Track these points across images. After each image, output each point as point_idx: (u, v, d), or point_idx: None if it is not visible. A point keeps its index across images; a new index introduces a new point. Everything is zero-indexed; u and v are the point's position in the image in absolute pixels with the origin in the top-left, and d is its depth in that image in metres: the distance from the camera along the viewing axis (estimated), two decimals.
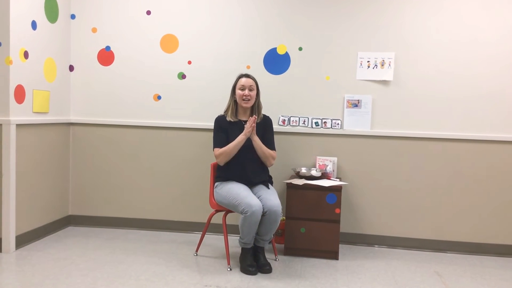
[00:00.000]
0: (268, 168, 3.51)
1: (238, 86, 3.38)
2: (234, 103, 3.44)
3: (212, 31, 4.03)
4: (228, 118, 3.41)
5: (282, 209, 3.19)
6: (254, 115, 3.27)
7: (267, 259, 3.29)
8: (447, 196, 3.87)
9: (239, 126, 3.39)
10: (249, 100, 3.35)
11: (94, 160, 4.22)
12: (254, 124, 3.23)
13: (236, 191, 3.19)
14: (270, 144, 3.48)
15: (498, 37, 3.73)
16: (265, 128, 3.48)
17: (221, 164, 3.37)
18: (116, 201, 4.24)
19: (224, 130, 3.38)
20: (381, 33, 3.86)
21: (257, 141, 3.32)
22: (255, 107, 3.45)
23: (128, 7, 4.10)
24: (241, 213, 3.07)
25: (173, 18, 4.06)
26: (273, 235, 3.32)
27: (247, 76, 3.41)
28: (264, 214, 3.12)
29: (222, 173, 3.40)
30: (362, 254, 3.75)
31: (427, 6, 3.80)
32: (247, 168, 3.34)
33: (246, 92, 3.34)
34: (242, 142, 3.26)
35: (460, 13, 3.76)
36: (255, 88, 3.40)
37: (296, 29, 3.95)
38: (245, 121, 3.40)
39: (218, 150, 3.34)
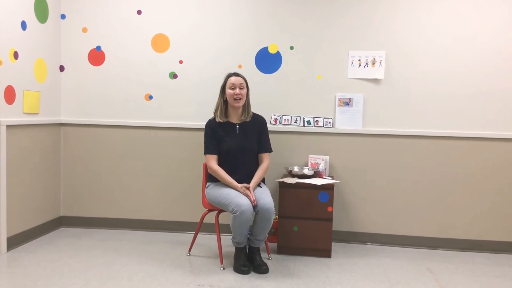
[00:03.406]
0: None
1: (228, 85, 3.33)
2: (223, 103, 3.41)
3: (203, 30, 4.03)
4: (218, 119, 3.38)
5: (275, 208, 3.19)
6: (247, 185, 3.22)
7: (263, 259, 3.30)
8: (438, 193, 3.89)
9: (228, 128, 3.38)
10: (240, 99, 3.32)
11: (86, 160, 4.20)
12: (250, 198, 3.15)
13: (226, 191, 3.19)
14: (266, 146, 3.47)
15: (489, 35, 3.76)
16: (259, 129, 3.46)
17: (209, 172, 3.39)
18: (108, 202, 4.22)
19: (214, 134, 3.36)
20: (372, 32, 3.87)
21: (256, 182, 3.30)
22: (245, 106, 3.42)
23: (119, 6, 4.08)
24: (231, 212, 3.08)
25: (164, 18, 4.05)
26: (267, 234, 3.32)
27: (236, 74, 3.37)
28: (257, 212, 3.12)
29: None
30: (354, 252, 3.76)
31: (418, 5, 3.81)
32: (239, 169, 3.33)
33: (237, 90, 3.29)
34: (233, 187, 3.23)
35: (451, 11, 3.79)
36: (245, 86, 3.36)
37: (287, 28, 3.95)
38: (237, 124, 3.39)
39: (213, 163, 3.32)
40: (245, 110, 3.42)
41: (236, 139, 3.36)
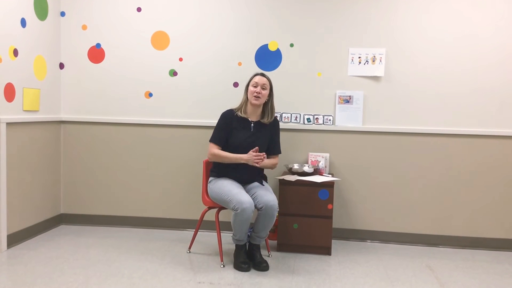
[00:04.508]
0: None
1: (251, 83, 3.37)
2: (247, 100, 3.42)
3: (203, 28, 4.02)
4: (239, 113, 3.39)
5: None
6: (257, 149, 3.23)
7: (263, 257, 3.30)
8: (439, 190, 3.90)
9: (244, 123, 3.39)
10: (259, 98, 3.33)
11: (86, 158, 4.20)
12: (260, 158, 3.19)
13: (228, 188, 3.20)
14: (276, 147, 3.51)
15: (489, 33, 3.76)
16: (273, 130, 3.49)
17: (210, 160, 3.40)
18: (108, 199, 4.22)
19: (227, 126, 3.37)
20: (372, 29, 3.87)
21: (264, 164, 3.32)
22: (268, 109, 3.44)
23: (118, 4, 4.08)
24: (232, 209, 3.08)
25: (164, 15, 4.04)
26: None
27: (262, 75, 3.40)
28: (260, 209, 3.13)
29: (217, 168, 3.41)
30: (354, 249, 3.77)
31: (418, 2, 3.81)
32: (242, 166, 3.33)
33: (258, 89, 3.32)
34: (238, 162, 3.25)
35: (451, 8, 3.78)
36: (268, 88, 3.38)
37: (287, 26, 3.95)
38: (253, 122, 3.40)
39: (214, 149, 3.33)
40: (267, 113, 3.44)
41: (248, 136, 3.37)
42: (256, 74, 3.42)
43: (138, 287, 2.85)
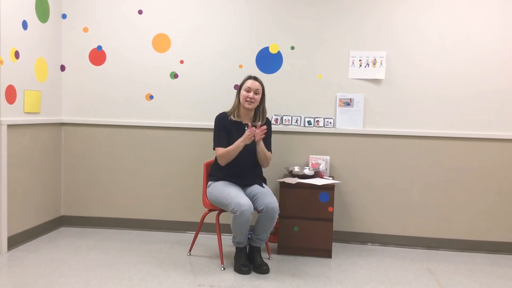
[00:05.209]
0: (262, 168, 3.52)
1: (244, 87, 3.33)
2: (239, 103, 3.40)
3: (204, 30, 4.03)
4: (231, 117, 3.37)
5: None
6: (252, 125, 3.25)
7: (263, 259, 3.30)
8: (439, 194, 3.90)
9: (239, 127, 3.37)
10: (252, 102, 3.31)
11: (87, 160, 4.21)
12: (254, 133, 3.17)
13: (227, 191, 3.19)
14: (268, 146, 3.47)
15: (490, 36, 3.76)
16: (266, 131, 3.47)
17: (222, 164, 3.33)
18: (109, 201, 4.22)
19: (224, 128, 3.35)
20: (373, 32, 3.88)
21: (261, 146, 3.31)
22: (259, 112, 3.42)
23: (119, 6, 4.08)
24: (231, 212, 3.08)
25: (165, 18, 4.05)
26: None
27: (255, 78, 3.36)
28: (261, 211, 3.13)
29: (216, 172, 3.40)
30: (355, 252, 3.76)
31: (418, 5, 3.82)
32: (242, 169, 3.34)
33: (251, 94, 3.29)
34: (241, 147, 3.22)
35: (452, 11, 3.79)
36: (260, 92, 3.35)
37: (288, 28, 3.95)
38: (246, 124, 3.38)
39: (220, 151, 3.30)
40: (259, 116, 3.42)
41: None
42: (248, 78, 3.37)
43: None
